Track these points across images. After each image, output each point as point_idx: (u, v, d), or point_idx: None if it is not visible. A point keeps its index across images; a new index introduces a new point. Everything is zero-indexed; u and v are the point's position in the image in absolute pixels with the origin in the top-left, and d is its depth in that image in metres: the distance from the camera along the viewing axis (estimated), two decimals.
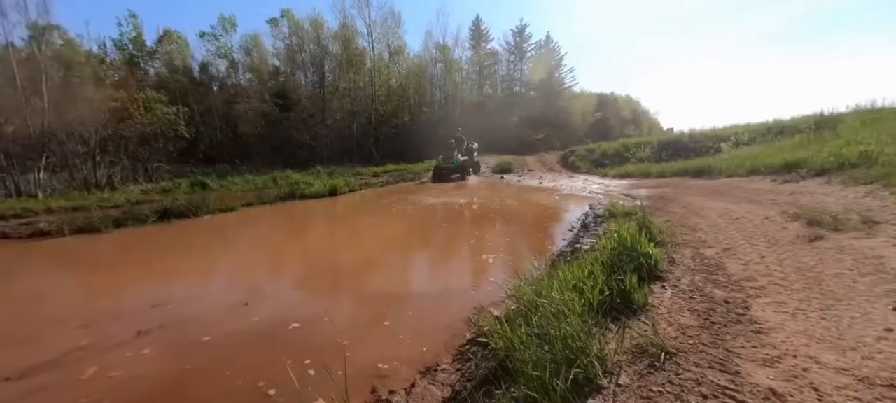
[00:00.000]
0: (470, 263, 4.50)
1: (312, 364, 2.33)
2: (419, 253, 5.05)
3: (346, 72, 26.73)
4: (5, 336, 2.81)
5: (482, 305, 3.14)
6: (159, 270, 4.63)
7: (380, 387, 2.17)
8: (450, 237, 5.74)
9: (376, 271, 4.28)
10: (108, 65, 23.37)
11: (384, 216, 7.78)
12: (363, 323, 2.94)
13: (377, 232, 6.22)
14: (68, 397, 2.10)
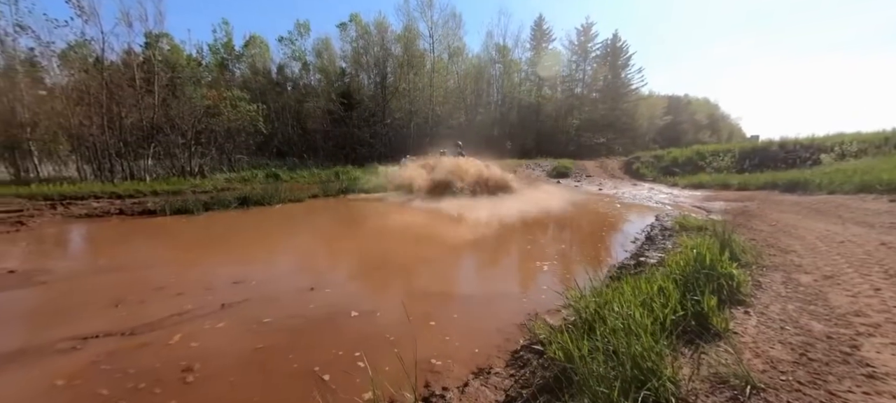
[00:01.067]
0: (521, 268, 4.41)
1: (366, 354, 2.44)
2: (469, 254, 5.05)
3: (406, 74, 27.60)
4: (123, 297, 3.33)
5: (537, 312, 3.06)
6: (240, 250, 5.17)
7: (433, 382, 2.21)
8: (499, 240, 5.67)
9: (429, 268, 4.36)
10: (203, 67, 26.55)
11: (434, 215, 7.91)
12: (415, 319, 3.01)
13: (428, 230, 6.34)
14: (161, 357, 2.41)
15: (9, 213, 6.99)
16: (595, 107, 31.35)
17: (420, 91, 28.04)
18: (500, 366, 2.37)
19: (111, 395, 1.98)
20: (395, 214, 7.81)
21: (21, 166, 13.74)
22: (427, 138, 26.32)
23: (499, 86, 30.16)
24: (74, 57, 15.45)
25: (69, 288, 3.62)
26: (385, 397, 1.85)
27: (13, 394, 2.04)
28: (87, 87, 14.13)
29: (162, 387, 2.06)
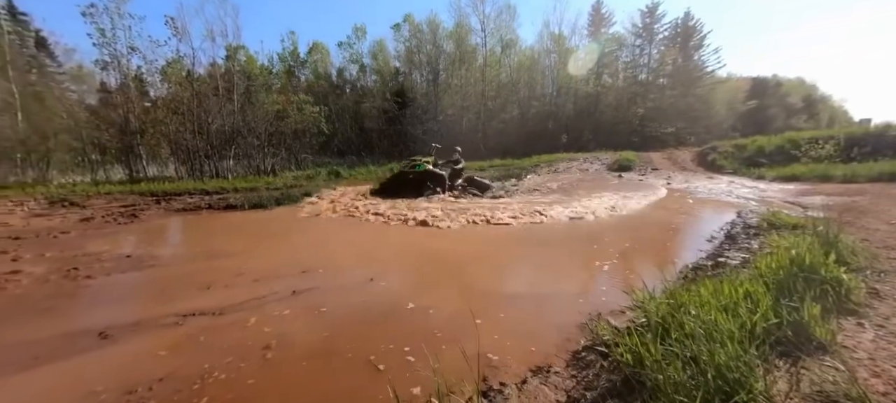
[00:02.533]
0: (578, 266, 4.20)
1: (423, 345, 2.49)
2: (523, 249, 4.93)
3: (458, 69, 27.69)
4: (212, 281, 3.77)
5: (599, 312, 2.90)
6: (307, 241, 5.60)
7: (490, 377, 2.19)
8: (556, 236, 5.46)
9: (483, 263, 4.33)
10: (273, 74, 29.05)
11: (487, 210, 7.86)
12: (471, 314, 3.01)
13: (480, 226, 6.31)
14: (244, 335, 2.69)
15: (125, 208, 8.28)
16: (662, 93, 28.86)
17: (471, 86, 27.98)
18: (559, 366, 2.29)
19: (210, 367, 2.25)
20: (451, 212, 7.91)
21: (133, 167, 16.17)
22: (479, 133, 26.22)
23: (554, 76, 29.03)
24: (171, 72, 17.78)
25: (171, 272, 4.19)
26: (445, 385, 1.88)
27: (129, 361, 2.41)
28: (181, 98, 16.20)
29: (246, 362, 2.30)
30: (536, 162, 17.07)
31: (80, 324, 2.92)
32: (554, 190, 10.17)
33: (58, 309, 3.19)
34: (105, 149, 16.19)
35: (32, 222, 6.66)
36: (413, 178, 9.84)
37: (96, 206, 8.30)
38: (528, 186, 11.43)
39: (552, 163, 16.65)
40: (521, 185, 11.68)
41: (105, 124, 16.21)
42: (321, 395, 2.02)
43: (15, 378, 2.29)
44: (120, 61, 16.10)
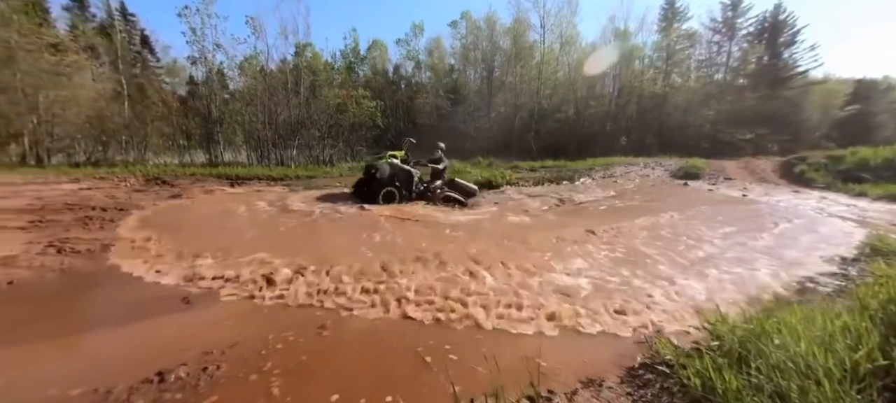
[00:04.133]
0: (637, 277, 3.92)
1: (462, 346, 2.49)
2: (576, 255, 4.71)
3: (513, 66, 27.19)
4: (296, 251, 4.07)
5: (660, 327, 2.70)
6: (357, 228, 5.84)
7: (537, 384, 2.14)
8: (611, 241, 5.14)
9: (534, 263, 4.21)
10: (335, 70, 30.66)
11: (539, 207, 7.63)
12: (524, 317, 2.95)
13: (534, 226, 6.14)
14: (308, 312, 2.88)
15: (205, 187, 9.28)
16: (741, 95, 26.03)
17: (526, 84, 27.34)
18: (613, 380, 2.17)
19: (273, 337, 2.45)
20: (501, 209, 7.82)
21: (212, 153, 17.99)
22: (531, 132, 25.59)
23: (616, 74, 27.40)
24: (247, 67, 19.46)
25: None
26: (494, 386, 1.86)
27: (207, 325, 2.69)
28: (255, 91, 17.70)
29: (304, 337, 2.47)
30: (591, 164, 16.27)
31: (168, 289, 3.32)
32: (610, 196, 9.60)
33: (146, 275, 3.65)
34: (190, 135, 18.20)
35: (133, 196, 7.69)
36: (369, 178, 7.63)
37: (182, 185, 9.38)
38: (569, 196, 10.86)
39: (608, 166, 15.76)
40: (568, 192, 11.04)
41: (191, 113, 18.24)
42: (375, 379, 2.10)
43: (112, 331, 2.67)
44: (206, 57, 18.00)
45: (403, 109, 30.95)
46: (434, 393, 1.97)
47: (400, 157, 7.91)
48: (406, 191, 7.69)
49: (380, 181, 7.40)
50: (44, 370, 2.15)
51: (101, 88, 16.08)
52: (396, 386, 2.03)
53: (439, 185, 8.18)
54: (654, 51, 28.03)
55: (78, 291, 3.25)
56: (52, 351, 2.33)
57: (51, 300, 3.06)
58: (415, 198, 7.91)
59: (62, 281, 3.41)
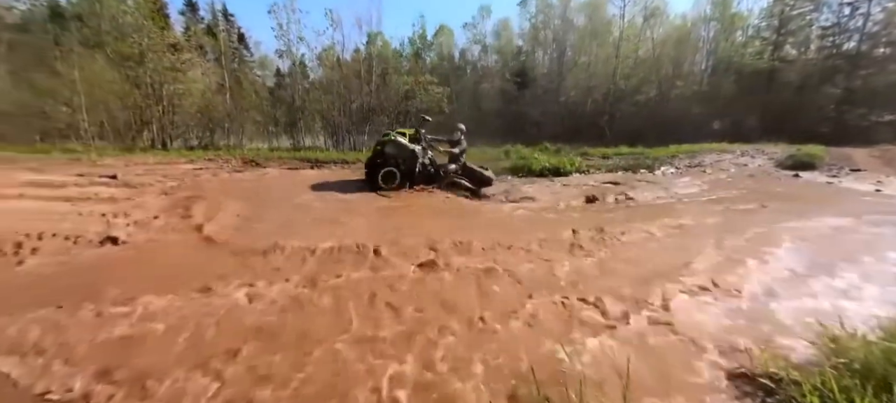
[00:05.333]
0: (736, 276, 3.44)
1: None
2: (658, 256, 4.28)
3: (588, 45, 25.39)
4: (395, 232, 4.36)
5: (769, 337, 2.36)
6: (433, 214, 5.99)
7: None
8: (696, 244, 4.56)
9: (622, 263, 3.94)
10: (403, 58, 31.52)
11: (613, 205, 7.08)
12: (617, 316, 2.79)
13: (616, 226, 5.72)
14: (400, 287, 3.05)
15: (291, 168, 10.29)
16: (882, 68, 21.20)
17: (602, 63, 25.38)
18: (703, 387, 1.96)
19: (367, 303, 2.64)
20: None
21: (295, 138, 19.81)
22: (605, 116, 23.82)
23: (710, 49, 24.12)
24: (325, 57, 20.89)
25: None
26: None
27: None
28: (332, 80, 18.98)
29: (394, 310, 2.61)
30: (674, 152, 14.61)
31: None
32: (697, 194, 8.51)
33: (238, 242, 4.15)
34: (277, 122, 20.22)
35: (234, 175, 8.83)
36: (373, 158, 6.97)
37: (271, 167, 10.52)
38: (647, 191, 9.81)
39: (696, 154, 14.02)
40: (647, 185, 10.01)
41: (279, 102, 20.23)
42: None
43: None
44: (291, 50, 19.74)
45: (468, 94, 30.82)
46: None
47: (409, 135, 7.16)
48: (408, 172, 6.92)
49: (381, 161, 6.83)
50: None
51: (208, 82, 18.55)
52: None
53: (454, 169, 7.39)
54: (763, 18, 24.00)
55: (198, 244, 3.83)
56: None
57: (188, 250, 3.65)
58: (422, 181, 7.19)
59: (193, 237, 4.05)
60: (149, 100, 15.43)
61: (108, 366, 1.86)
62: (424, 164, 7.22)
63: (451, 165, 7.46)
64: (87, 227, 4.07)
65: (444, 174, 7.32)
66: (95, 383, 1.75)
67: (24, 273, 3.01)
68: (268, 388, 1.72)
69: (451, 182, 7.25)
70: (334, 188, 7.30)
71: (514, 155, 13.83)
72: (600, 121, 23.61)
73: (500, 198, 7.08)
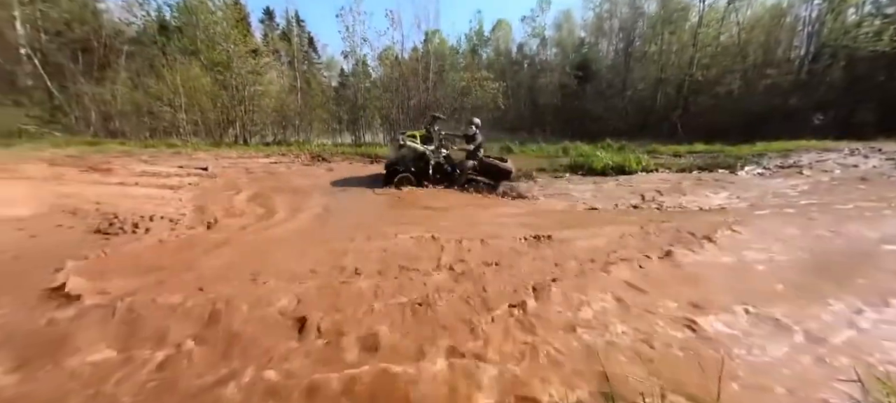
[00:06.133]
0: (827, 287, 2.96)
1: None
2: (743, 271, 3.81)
3: (660, 34, 23.41)
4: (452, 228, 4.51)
5: (871, 362, 2.01)
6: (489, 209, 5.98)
7: None
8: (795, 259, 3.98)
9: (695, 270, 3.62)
10: (459, 54, 31.67)
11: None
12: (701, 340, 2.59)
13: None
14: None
15: (350, 162, 10.90)
16: None
17: (676, 54, 23.26)
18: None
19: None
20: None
21: (357, 135, 20.92)
22: (677, 110, 21.82)
23: (812, 31, 20.91)
24: (385, 57, 21.72)
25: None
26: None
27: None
28: (391, 79, 19.70)
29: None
30: (762, 150, 12.90)
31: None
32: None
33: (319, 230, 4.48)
34: (341, 119, 21.50)
35: (303, 169, 9.58)
36: (392, 163, 6.95)
37: (337, 161, 11.23)
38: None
39: (790, 152, 12.25)
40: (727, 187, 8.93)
41: (342, 101, 21.49)
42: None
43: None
44: (355, 51, 20.85)
45: (525, 90, 30.09)
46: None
47: (420, 135, 7.11)
48: (420, 173, 6.88)
49: (393, 167, 6.86)
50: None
51: (282, 83, 20.28)
52: None
53: (471, 166, 7.11)
54: None
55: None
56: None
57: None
58: (439, 180, 7.07)
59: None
60: (234, 101, 17.28)
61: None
62: (439, 163, 7.08)
63: (468, 161, 7.18)
64: (185, 212, 4.69)
65: (460, 171, 7.10)
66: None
67: (142, 247, 3.56)
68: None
69: (467, 179, 7.05)
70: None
71: (573, 152, 13.26)
72: (672, 116, 21.67)
73: (514, 195, 6.74)
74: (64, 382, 1.62)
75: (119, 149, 10.38)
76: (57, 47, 14.86)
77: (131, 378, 1.65)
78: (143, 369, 1.70)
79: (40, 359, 1.75)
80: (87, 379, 1.63)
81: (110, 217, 4.15)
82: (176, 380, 1.64)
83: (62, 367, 1.71)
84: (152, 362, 1.76)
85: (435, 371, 1.74)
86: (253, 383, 1.63)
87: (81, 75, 15.19)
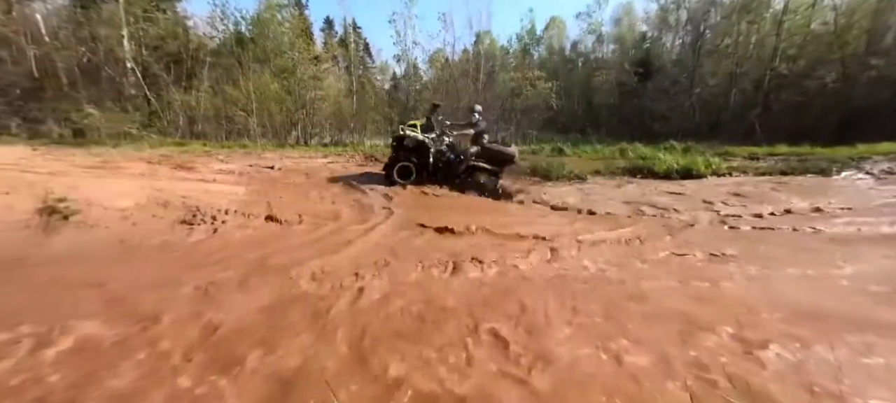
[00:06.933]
0: None
1: None
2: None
3: (736, 23, 21.23)
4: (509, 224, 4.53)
5: None
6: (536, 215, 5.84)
7: None
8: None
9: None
10: (509, 54, 31.23)
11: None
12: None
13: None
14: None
15: None
16: None
17: (756, 45, 20.95)
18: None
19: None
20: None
21: None
22: (756, 108, 19.61)
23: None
24: (435, 60, 22.07)
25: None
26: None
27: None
28: (441, 81, 19.97)
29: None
30: (865, 152, 11.10)
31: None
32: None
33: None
34: (392, 121, 22.22)
35: (357, 169, 10.05)
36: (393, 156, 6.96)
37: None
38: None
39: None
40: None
41: (394, 103, 22.21)
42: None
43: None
44: (407, 54, 21.48)
45: (578, 89, 28.87)
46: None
47: (420, 125, 7.08)
48: (423, 164, 6.83)
49: (395, 156, 6.86)
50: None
51: (340, 87, 21.44)
52: None
53: (474, 152, 6.99)
54: None
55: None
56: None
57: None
58: (442, 170, 7.00)
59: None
60: (296, 105, 18.62)
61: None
62: (441, 151, 7.04)
63: (472, 148, 7.10)
64: (255, 208, 5.13)
65: (464, 158, 6.99)
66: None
67: (217, 236, 3.95)
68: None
69: (468, 167, 6.91)
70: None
71: (632, 154, 12.47)
72: (749, 115, 19.51)
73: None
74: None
75: (201, 150, 11.66)
76: (154, 60, 17.07)
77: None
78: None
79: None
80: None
81: (193, 209, 4.66)
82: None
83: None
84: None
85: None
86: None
87: (172, 84, 17.29)
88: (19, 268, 2.95)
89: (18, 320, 2.00)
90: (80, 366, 1.68)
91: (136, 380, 1.60)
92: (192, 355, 1.77)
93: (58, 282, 2.64)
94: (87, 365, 1.68)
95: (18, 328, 1.93)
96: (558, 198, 6.48)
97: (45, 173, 5.59)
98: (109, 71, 16.23)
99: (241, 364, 1.71)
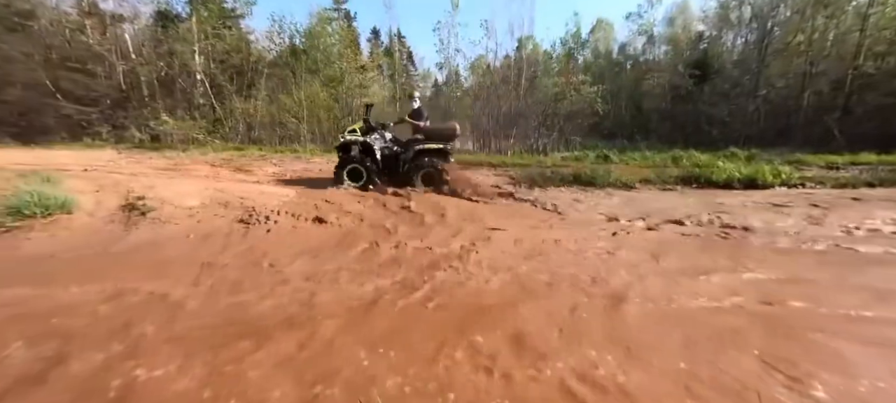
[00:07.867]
0: None
1: None
2: None
3: (810, 18, 19.26)
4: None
5: None
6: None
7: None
8: None
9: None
10: (553, 59, 30.54)
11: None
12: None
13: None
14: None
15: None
16: None
17: (834, 43, 18.86)
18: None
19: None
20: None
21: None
22: (835, 112, 17.58)
23: None
24: (476, 66, 22.13)
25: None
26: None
27: None
28: (482, 87, 19.98)
29: None
30: None
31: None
32: None
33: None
34: None
35: None
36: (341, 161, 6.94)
37: None
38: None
39: None
40: None
41: (435, 110, 22.56)
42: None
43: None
44: (449, 62, 21.76)
45: (627, 93, 27.55)
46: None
47: (360, 128, 7.04)
48: (372, 165, 6.83)
49: (343, 159, 6.90)
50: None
51: (384, 95, 22.15)
52: None
53: (417, 139, 7.03)
54: None
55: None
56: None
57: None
58: (391, 167, 7.03)
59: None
60: (343, 112, 19.49)
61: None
62: (387, 147, 7.15)
63: (416, 136, 7.16)
64: (303, 210, 5.41)
65: (408, 146, 7.05)
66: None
67: (272, 234, 4.22)
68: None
69: (418, 153, 6.88)
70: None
71: (686, 161, 11.65)
72: (826, 119, 17.52)
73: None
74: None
75: (257, 154, 12.55)
76: (220, 72, 18.70)
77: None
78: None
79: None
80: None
81: (250, 209, 5.01)
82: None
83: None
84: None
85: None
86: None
87: (235, 94, 18.82)
88: (125, 252, 3.33)
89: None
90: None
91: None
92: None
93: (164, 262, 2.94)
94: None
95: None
96: (606, 208, 6.18)
97: (128, 174, 6.30)
98: (182, 82, 18.02)
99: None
